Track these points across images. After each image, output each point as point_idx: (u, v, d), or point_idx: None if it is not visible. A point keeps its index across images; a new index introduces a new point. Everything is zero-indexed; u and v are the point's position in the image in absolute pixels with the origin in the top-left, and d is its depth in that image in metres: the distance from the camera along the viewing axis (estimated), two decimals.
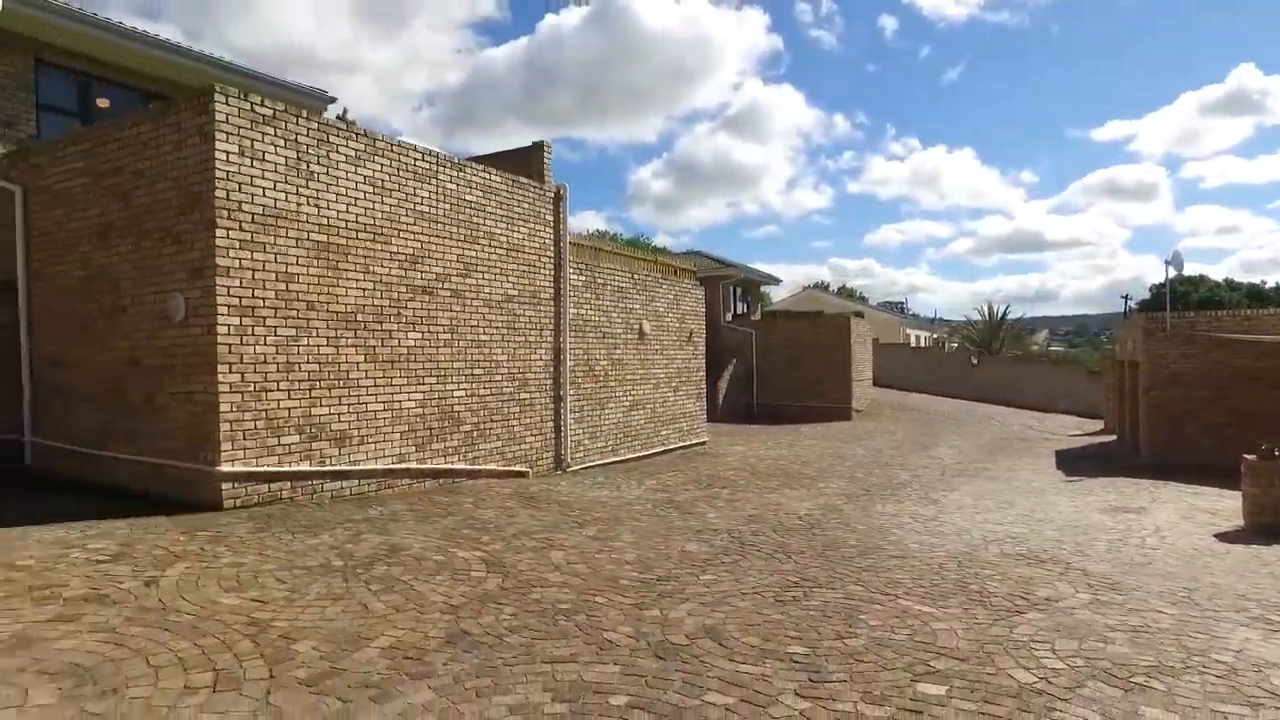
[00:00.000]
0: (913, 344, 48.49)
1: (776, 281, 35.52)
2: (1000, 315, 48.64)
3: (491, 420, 9.61)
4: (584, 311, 11.47)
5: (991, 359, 39.12)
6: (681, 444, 14.13)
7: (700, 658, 4.07)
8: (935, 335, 58.87)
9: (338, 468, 7.81)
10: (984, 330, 47.68)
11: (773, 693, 3.65)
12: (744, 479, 11.04)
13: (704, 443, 15.01)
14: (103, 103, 11.09)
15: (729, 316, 28.30)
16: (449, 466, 8.96)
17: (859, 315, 28.99)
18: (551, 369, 10.66)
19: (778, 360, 25.13)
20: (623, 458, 12.31)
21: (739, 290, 30.53)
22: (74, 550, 5.59)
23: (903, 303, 75.43)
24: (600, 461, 11.71)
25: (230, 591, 4.85)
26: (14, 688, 3.44)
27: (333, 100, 13.25)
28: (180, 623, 4.29)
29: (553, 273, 10.66)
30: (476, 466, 9.34)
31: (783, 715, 3.44)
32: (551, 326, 10.65)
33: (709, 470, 11.84)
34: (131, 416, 7.75)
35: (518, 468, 9.97)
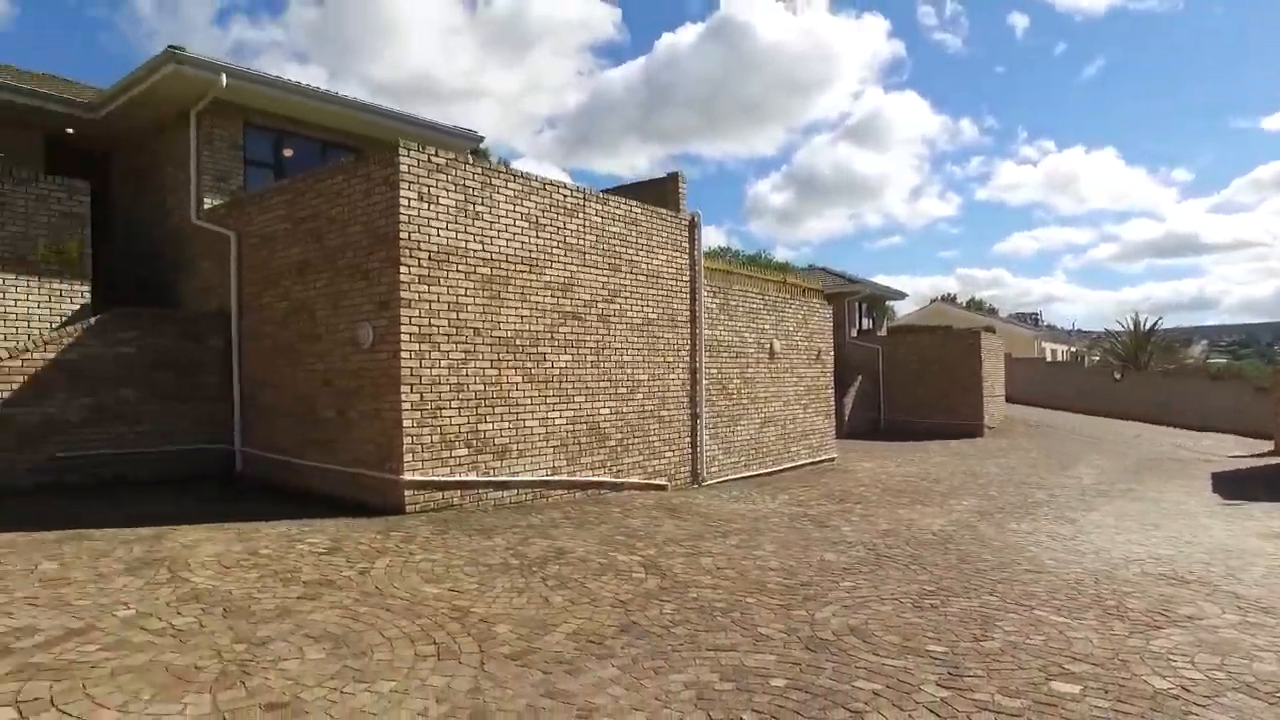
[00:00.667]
0: (1048, 358, 46.40)
1: (902, 296, 35.00)
2: (1149, 326, 45.77)
3: (633, 436, 10.30)
4: (718, 332, 12.04)
5: (1138, 373, 37.04)
6: (811, 460, 14.43)
7: (847, 651, 4.52)
8: (1073, 348, 56.00)
9: (500, 478, 8.65)
10: (1129, 342, 44.93)
11: (915, 682, 4.07)
12: (875, 495, 11.27)
13: (833, 459, 15.24)
14: (288, 152, 12.56)
15: (854, 332, 28.21)
16: (595, 479, 9.69)
17: (989, 329, 28.26)
18: (688, 387, 11.27)
19: (905, 376, 24.89)
20: (755, 472, 12.76)
21: (864, 306, 30.35)
22: (297, 543, 6.59)
23: (1036, 314, 71.99)
24: (734, 476, 12.21)
25: (430, 582, 5.65)
26: (291, 645, 4.29)
27: (482, 139, 14.42)
28: (396, 605, 5.10)
29: (689, 296, 11.29)
30: (620, 479, 10.03)
31: (925, 701, 3.86)
32: (688, 347, 11.27)
33: (840, 486, 12.12)
34: (325, 430, 8.86)
35: (657, 481, 10.60)
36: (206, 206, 11.07)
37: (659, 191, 11.83)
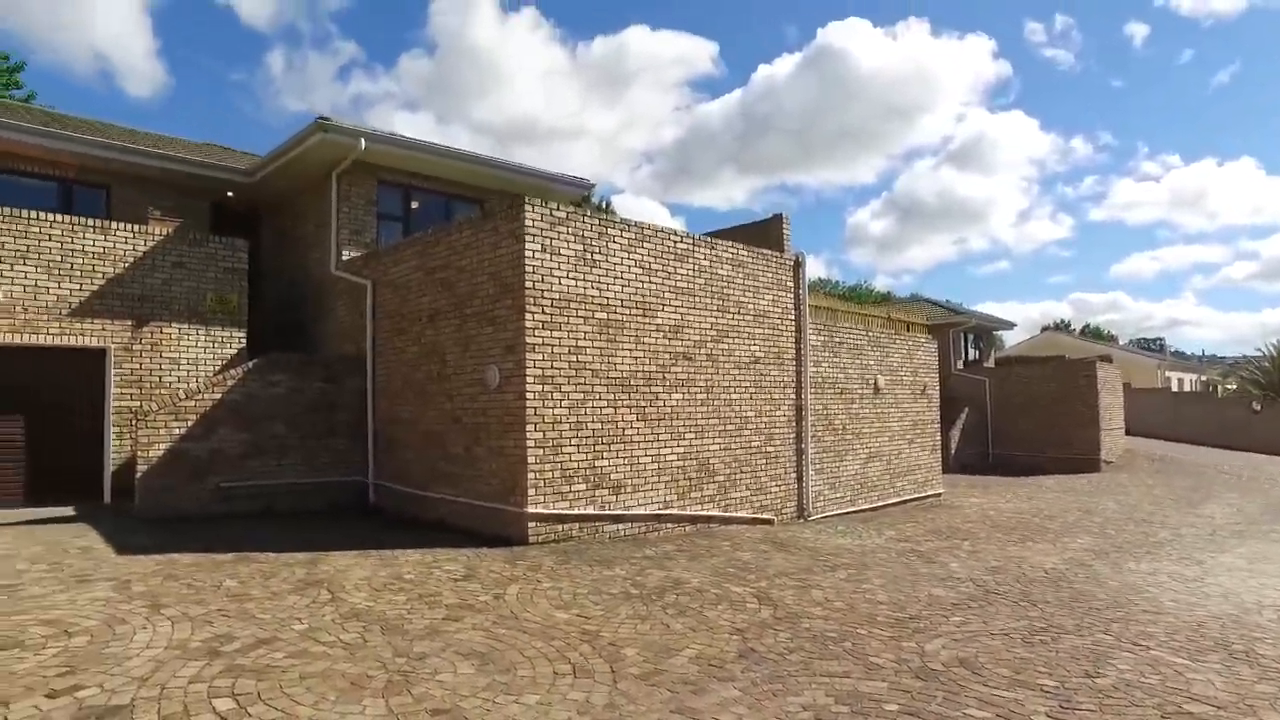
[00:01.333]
0: (1174, 387, 43.88)
1: (1010, 326, 34.07)
2: None
3: (741, 471, 10.62)
4: (823, 369, 12.27)
5: None
6: (917, 495, 14.35)
7: (957, 681, 4.73)
8: (1203, 377, 52.70)
9: (615, 512, 9.13)
10: (1271, 369, 41.82)
11: (1026, 713, 4.25)
12: (983, 531, 11.18)
13: (940, 494, 15.09)
14: (414, 204, 13.61)
15: (959, 364, 27.65)
16: (705, 513, 10.05)
17: (1105, 359, 27.15)
18: (794, 423, 11.52)
19: (1014, 408, 24.22)
20: (860, 508, 12.83)
21: (970, 336, 29.71)
22: (435, 570, 7.22)
23: (1160, 340, 68.13)
24: (839, 511, 12.33)
25: (559, 608, 6.14)
26: (444, 660, 4.84)
27: (592, 186, 15.21)
28: (531, 628, 5.60)
29: (794, 334, 11.59)
30: (728, 514, 10.35)
31: None
32: (793, 384, 11.55)
33: (947, 521, 12.06)
34: (453, 465, 9.57)
35: (764, 516, 10.87)
36: (344, 258, 12.15)
37: (763, 232, 12.23)
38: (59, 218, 10.51)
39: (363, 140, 11.69)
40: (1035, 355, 33.21)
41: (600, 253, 9.22)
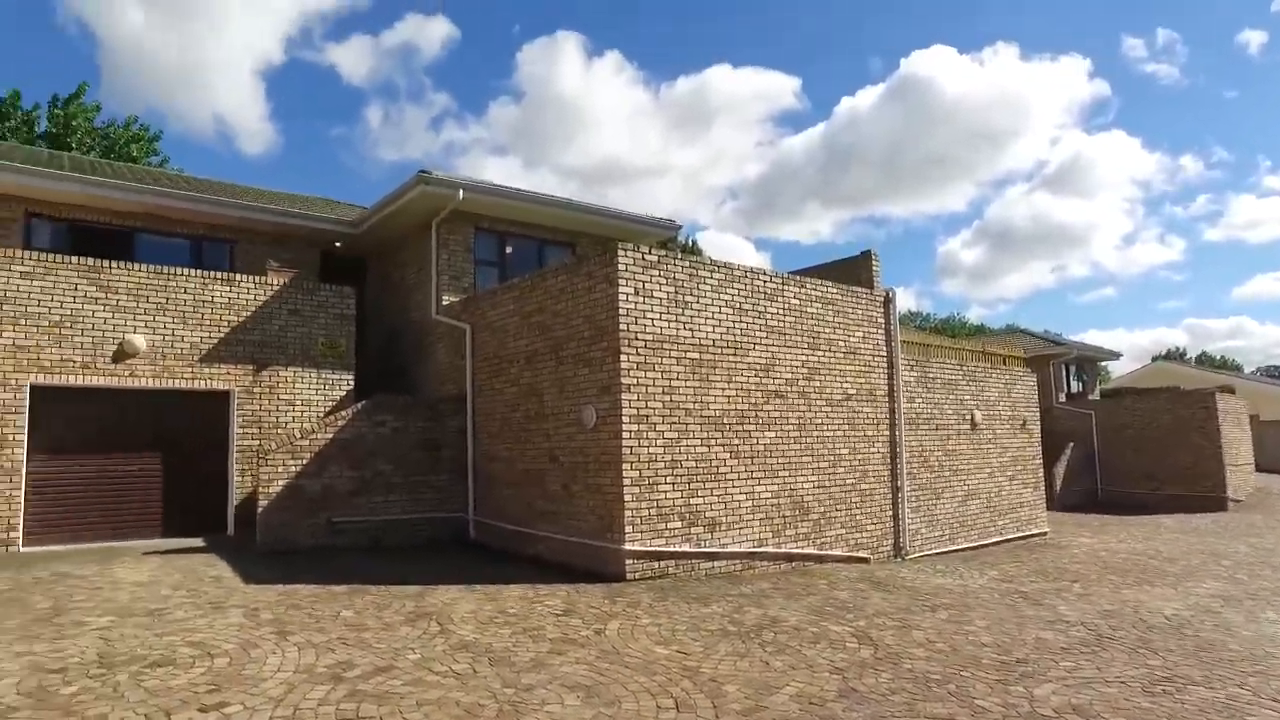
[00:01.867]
0: None
1: (1116, 356, 32.55)
2: None
3: (835, 509, 10.53)
4: (916, 405, 12.09)
5: None
6: (1019, 534, 13.85)
7: None
8: None
9: (710, 549, 9.19)
10: None
11: None
12: (1094, 573, 10.71)
13: (1044, 533, 14.51)
14: (509, 250, 14.16)
15: (1062, 397, 26.57)
16: (799, 551, 10.00)
17: (1226, 389, 25.61)
18: (888, 460, 11.37)
19: (1124, 443, 23.08)
20: (959, 546, 12.48)
21: (1072, 368, 28.54)
22: (536, 605, 7.44)
23: None
24: (937, 550, 12.03)
25: (659, 644, 6.25)
26: (551, 692, 5.01)
27: (679, 228, 15.50)
28: (632, 663, 5.72)
29: (886, 370, 11.49)
30: (823, 551, 10.26)
31: None
32: (887, 421, 11.42)
33: (1053, 562, 11.60)
34: (551, 502, 9.83)
35: (859, 554, 10.72)
36: (444, 303, 12.72)
37: (853, 269, 12.21)
38: (193, 272, 11.42)
39: (460, 191, 12.30)
40: (1147, 387, 31.59)
41: (691, 294, 9.42)
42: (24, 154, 15.05)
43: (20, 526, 10.14)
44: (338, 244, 14.91)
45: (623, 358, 8.78)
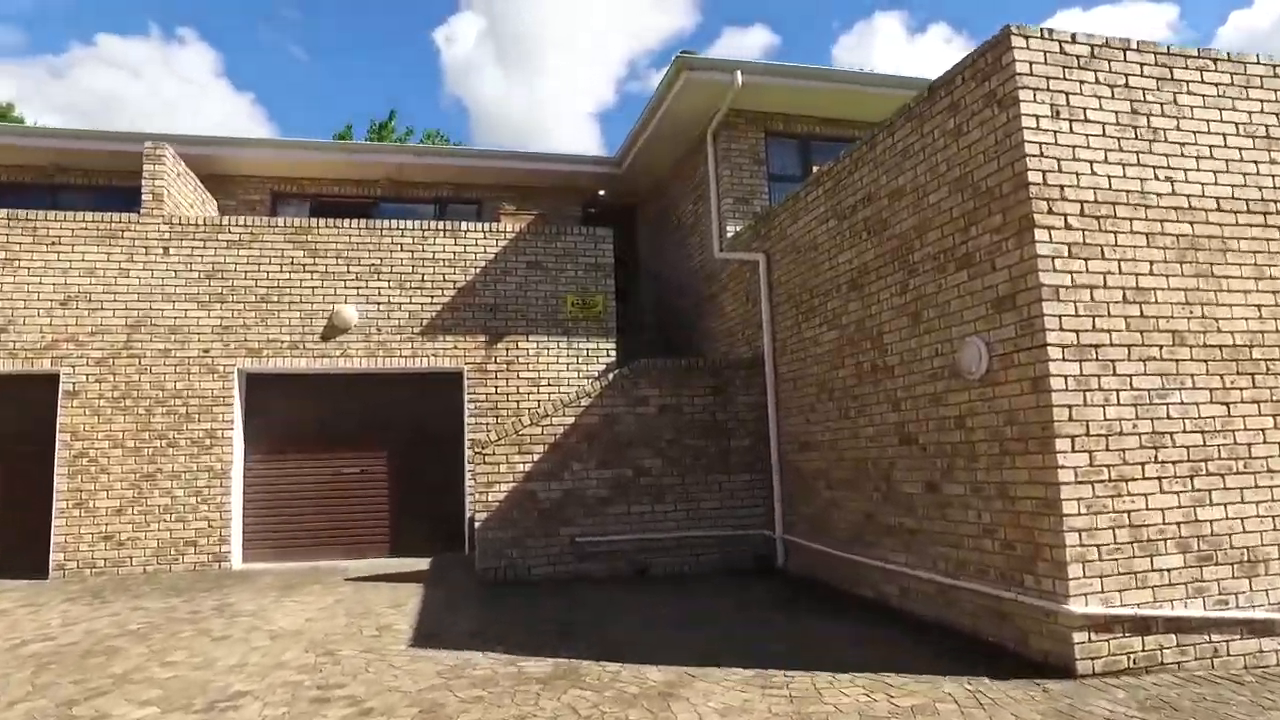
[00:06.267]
0: None
1: None
2: None
3: None
4: None
5: None
6: None
7: None
8: None
9: (1247, 614, 4.52)
10: None
11: None
12: None
13: None
14: (815, 164, 10.25)
15: None
16: None
17: None
18: None
19: None
20: None
21: None
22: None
23: None
24: None
25: None
26: None
27: None
28: None
29: None
30: None
31: None
32: None
33: None
34: (905, 513, 5.78)
35: None
36: (729, 235, 9.19)
37: None
38: (409, 224, 9.10)
39: (738, 74, 8.71)
40: None
41: (1165, 113, 4.86)
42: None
43: (234, 539, 8.35)
44: (601, 193, 12.12)
45: (1039, 235, 4.52)
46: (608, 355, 9.26)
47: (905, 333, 5.76)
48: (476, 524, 7.29)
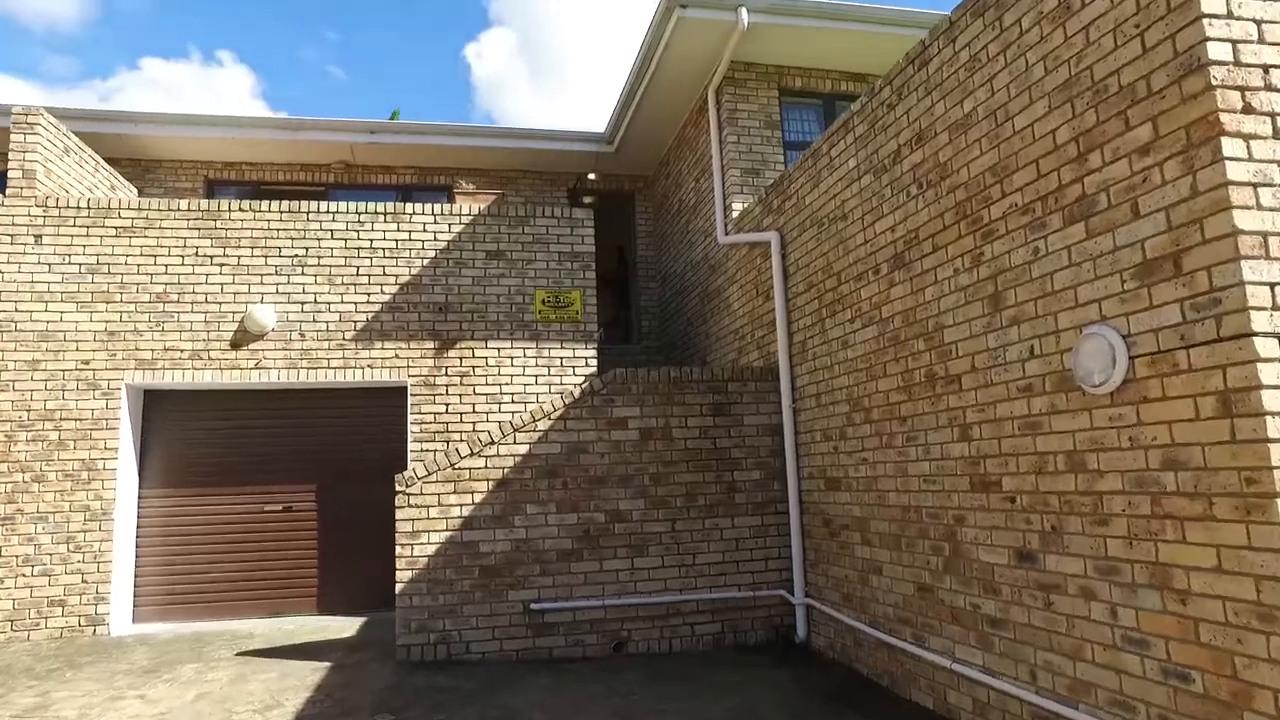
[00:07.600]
0: None
1: None
2: None
3: None
4: None
5: None
6: None
7: None
8: None
9: None
10: None
11: None
12: None
13: None
14: None
15: None
16: None
17: None
18: None
19: None
20: None
21: None
22: None
23: None
24: None
25: None
26: None
27: None
28: None
29: None
30: None
31: None
32: None
33: None
34: (975, 591, 3.92)
35: None
36: (733, 214, 7.40)
37: None
38: (340, 206, 7.41)
39: (743, 11, 6.93)
40: None
41: None
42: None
43: (117, 597, 6.66)
44: (591, 176, 10.37)
45: (1229, 150, 2.67)
46: (587, 365, 7.47)
47: (979, 326, 3.91)
48: (397, 586, 5.50)
